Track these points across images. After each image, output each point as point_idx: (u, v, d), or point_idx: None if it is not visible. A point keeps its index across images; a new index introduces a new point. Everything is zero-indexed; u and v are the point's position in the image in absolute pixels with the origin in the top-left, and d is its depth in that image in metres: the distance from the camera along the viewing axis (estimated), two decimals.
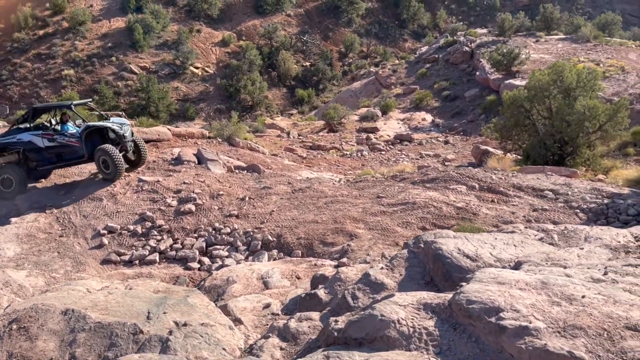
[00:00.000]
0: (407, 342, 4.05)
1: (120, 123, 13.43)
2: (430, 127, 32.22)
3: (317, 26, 51.97)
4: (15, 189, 12.54)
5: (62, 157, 13.02)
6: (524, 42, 40.09)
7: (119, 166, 12.64)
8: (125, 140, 13.18)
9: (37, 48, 39.11)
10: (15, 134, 13.05)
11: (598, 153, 18.48)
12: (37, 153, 12.92)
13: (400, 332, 4.12)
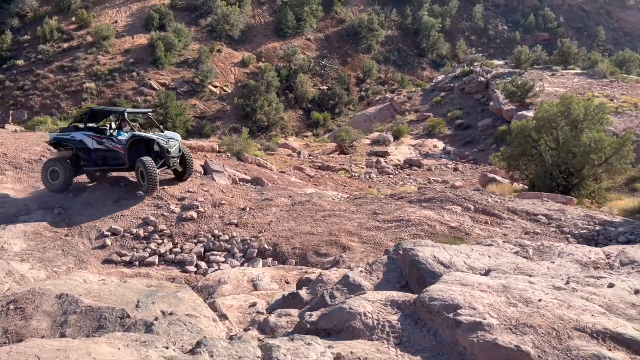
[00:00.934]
0: (370, 332, 4.31)
1: (169, 138, 13.33)
2: (441, 154, 32.47)
3: (336, 51, 52.80)
4: (61, 182, 12.94)
5: (107, 161, 13.27)
6: (539, 75, 40.41)
7: (153, 181, 12.51)
8: (169, 155, 13.04)
9: (61, 60, 40.18)
10: (71, 132, 13.51)
11: (604, 186, 18.59)
12: (86, 153, 13.30)
13: (365, 324, 4.38)
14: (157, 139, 12.93)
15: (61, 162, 13.14)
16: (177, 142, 13.44)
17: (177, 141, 13.49)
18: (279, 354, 3.66)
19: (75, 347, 3.59)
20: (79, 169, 13.51)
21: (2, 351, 3.50)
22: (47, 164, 13.38)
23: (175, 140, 13.38)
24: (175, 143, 13.31)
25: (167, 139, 13.22)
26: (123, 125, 13.75)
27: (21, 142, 16.79)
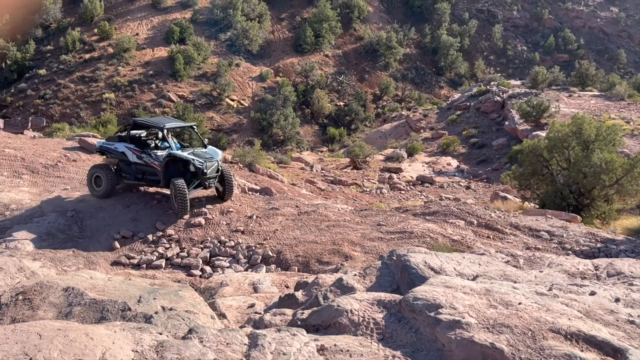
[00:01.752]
0: (355, 328, 4.51)
1: (209, 156, 12.70)
2: (454, 172, 32.52)
3: (354, 68, 53.28)
4: (103, 189, 13.01)
5: (145, 175, 13.04)
6: (556, 96, 40.38)
7: (182, 204, 12.14)
8: (206, 177, 12.46)
9: (82, 71, 41.09)
10: (115, 142, 13.43)
11: (614, 207, 18.53)
12: (127, 165, 13.17)
13: (351, 320, 4.59)
14: (193, 160, 12.33)
15: (104, 170, 13.17)
16: (216, 162, 12.72)
17: (216, 161, 12.77)
18: (264, 341, 3.88)
19: (75, 328, 3.85)
20: (122, 177, 13.43)
21: (7, 328, 3.77)
22: (92, 170, 13.43)
23: (213, 161, 12.64)
24: (213, 164, 12.60)
25: (205, 159, 12.51)
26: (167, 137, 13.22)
27: (39, 147, 17.29)
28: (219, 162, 12.84)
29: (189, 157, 12.36)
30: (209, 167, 12.49)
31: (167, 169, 12.52)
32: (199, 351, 3.70)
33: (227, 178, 13.15)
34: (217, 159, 12.87)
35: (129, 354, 3.62)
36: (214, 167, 12.65)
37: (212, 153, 13.05)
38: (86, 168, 15.80)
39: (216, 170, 12.73)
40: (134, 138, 13.48)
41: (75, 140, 18.62)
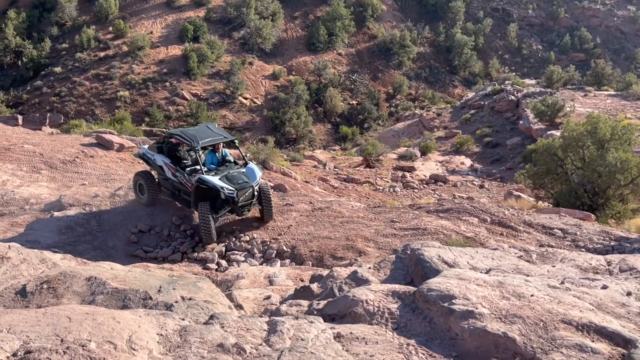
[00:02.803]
0: (370, 318, 4.63)
1: (242, 181, 11.38)
2: (468, 171, 32.44)
3: (367, 66, 53.27)
4: (146, 198, 12.43)
5: (180, 194, 12.08)
6: (571, 95, 40.12)
7: (206, 232, 11.08)
8: (239, 206, 11.36)
9: (97, 69, 41.53)
10: (155, 153, 12.57)
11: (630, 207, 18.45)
12: (164, 180, 12.37)
13: (366, 310, 4.71)
14: (222, 188, 11.07)
15: (147, 179, 12.54)
16: (250, 187, 11.41)
17: (251, 186, 11.43)
18: (283, 327, 4.01)
19: (102, 312, 4.01)
20: (162, 190, 12.62)
21: (38, 312, 3.94)
22: (136, 177, 12.87)
23: (246, 187, 11.32)
24: (246, 190, 11.33)
25: (237, 184, 11.23)
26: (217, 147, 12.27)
27: (57, 143, 17.59)
28: (254, 187, 11.49)
29: (218, 185, 11.07)
30: (241, 194, 11.28)
31: (197, 191, 11.39)
32: (221, 335, 3.84)
33: (266, 199, 11.86)
34: (253, 183, 11.49)
35: (154, 337, 3.77)
36: (248, 194, 11.41)
37: (249, 174, 11.65)
38: (103, 164, 16.08)
39: (251, 196, 11.51)
40: (171, 151, 12.48)
41: (92, 137, 18.91)
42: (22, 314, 3.93)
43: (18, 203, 12.98)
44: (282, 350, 3.66)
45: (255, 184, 11.56)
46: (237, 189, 11.20)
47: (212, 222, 11.15)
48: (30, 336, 3.54)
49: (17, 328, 3.64)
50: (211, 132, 12.19)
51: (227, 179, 11.34)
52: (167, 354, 3.59)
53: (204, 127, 12.85)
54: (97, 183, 14.45)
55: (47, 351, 3.05)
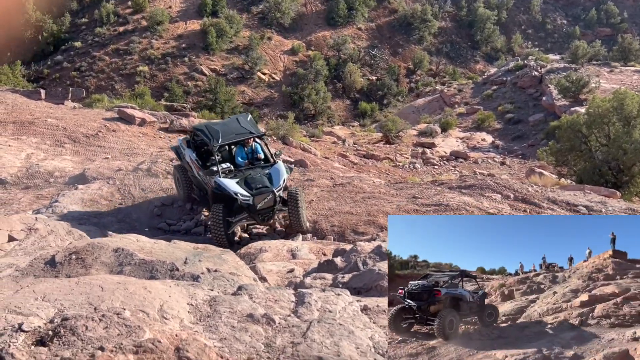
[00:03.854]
0: None
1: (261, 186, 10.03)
2: (489, 148, 32.14)
3: (387, 41, 52.59)
4: (181, 193, 11.75)
5: (204, 194, 11.05)
6: (596, 71, 39.31)
7: (216, 236, 9.77)
8: (258, 213, 10.03)
9: (116, 43, 41.63)
10: (185, 148, 11.64)
11: None
12: (192, 176, 11.39)
13: None
14: (237, 194, 9.84)
15: (180, 173, 11.75)
16: (271, 193, 9.97)
17: (271, 192, 9.99)
18: (311, 299, 4.03)
19: (133, 282, 4.07)
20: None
21: (71, 281, 4.01)
22: (173, 170, 12.25)
23: (266, 192, 9.94)
24: (266, 196, 9.92)
25: (256, 190, 9.94)
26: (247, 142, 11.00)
27: (79, 117, 17.75)
28: (275, 193, 10.03)
29: (232, 190, 9.87)
30: (259, 201, 9.90)
31: (214, 195, 10.27)
32: (250, 306, 3.87)
33: (294, 206, 10.27)
34: (274, 188, 10.05)
35: (185, 307, 3.81)
36: (268, 200, 9.95)
37: (273, 177, 10.31)
38: (125, 138, 16.22)
39: (273, 202, 9.99)
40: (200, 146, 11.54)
41: (114, 111, 19.06)
42: (56, 283, 4.00)
43: (43, 176, 13.19)
44: (311, 322, 3.68)
45: (277, 189, 10.06)
46: (254, 194, 9.84)
47: (225, 227, 9.78)
48: (64, 304, 3.61)
49: (51, 296, 3.72)
50: (237, 127, 11.07)
51: (245, 182, 10.10)
52: (198, 323, 3.64)
53: (233, 120, 11.85)
54: (120, 157, 14.59)
55: (83, 319, 3.10)
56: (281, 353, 3.28)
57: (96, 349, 2.85)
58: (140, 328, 3.08)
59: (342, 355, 3.21)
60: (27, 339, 3.04)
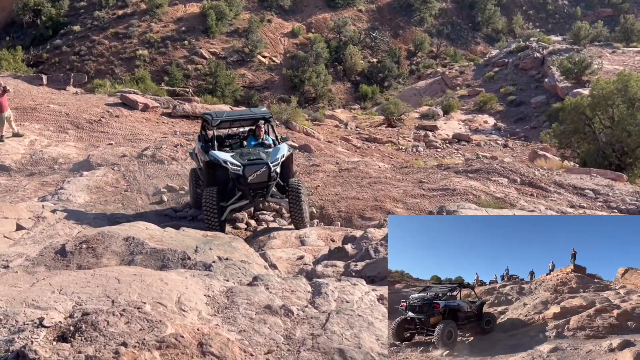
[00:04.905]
0: None
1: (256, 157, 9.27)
2: (491, 131, 32.06)
3: (388, 23, 52.15)
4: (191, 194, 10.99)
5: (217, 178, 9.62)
6: (599, 52, 39.06)
7: (208, 223, 8.93)
8: (247, 186, 9.03)
9: (116, 27, 41.29)
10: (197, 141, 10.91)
11: None
12: (199, 169, 10.61)
13: None
14: (227, 162, 9.08)
15: (192, 176, 11.01)
16: (264, 166, 9.06)
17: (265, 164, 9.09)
18: (327, 289, 4.02)
19: (149, 273, 4.05)
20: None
21: (87, 273, 4.00)
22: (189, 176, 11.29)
23: (259, 165, 9.06)
24: (258, 169, 9.00)
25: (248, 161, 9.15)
26: (258, 132, 10.23)
27: (82, 103, 17.65)
28: (271, 168, 9.06)
29: (222, 159, 9.11)
30: (251, 172, 8.95)
31: (208, 169, 9.54)
32: (267, 297, 3.86)
33: (294, 199, 9.22)
34: (269, 161, 9.14)
35: (202, 298, 3.80)
36: (260, 173, 8.98)
37: (271, 153, 9.47)
38: (128, 124, 16.14)
39: (267, 178, 9.04)
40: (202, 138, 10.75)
41: (117, 97, 18.95)
42: (72, 275, 3.98)
43: (47, 163, 13.15)
44: (330, 313, 3.67)
45: (273, 162, 9.09)
46: (246, 164, 8.96)
47: (218, 211, 8.99)
48: (82, 297, 3.60)
49: (68, 289, 3.70)
50: (245, 112, 11.00)
51: (241, 156, 9.35)
52: (216, 315, 3.62)
53: (246, 110, 11.84)
54: (124, 143, 14.54)
55: (104, 313, 3.08)
56: (301, 345, 3.27)
57: (119, 345, 2.84)
58: (162, 323, 3.06)
59: (363, 347, 3.20)
60: (49, 334, 3.03)
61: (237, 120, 10.64)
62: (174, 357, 2.82)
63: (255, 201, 9.50)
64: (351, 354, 3.09)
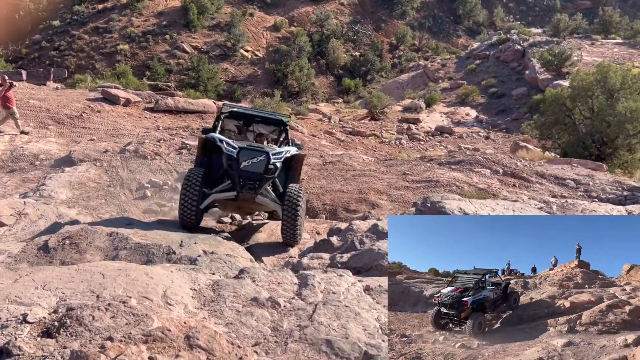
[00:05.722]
0: None
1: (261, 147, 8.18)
2: (473, 123, 32.26)
3: (370, 16, 52.19)
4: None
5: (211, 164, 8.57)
6: (578, 44, 39.47)
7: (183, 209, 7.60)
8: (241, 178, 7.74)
9: (96, 21, 40.79)
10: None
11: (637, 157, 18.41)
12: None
13: None
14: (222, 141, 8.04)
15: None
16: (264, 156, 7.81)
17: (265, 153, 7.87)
18: (314, 281, 4.03)
19: (134, 268, 4.03)
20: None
21: (71, 268, 3.96)
22: None
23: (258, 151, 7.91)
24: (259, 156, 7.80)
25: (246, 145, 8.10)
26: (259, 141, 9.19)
27: (62, 98, 17.42)
28: (270, 156, 7.84)
29: (217, 138, 8.13)
30: (245, 158, 7.76)
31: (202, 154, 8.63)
32: (253, 290, 3.86)
33: (290, 207, 7.63)
34: (270, 150, 7.98)
35: (188, 292, 3.79)
36: (256, 162, 7.77)
37: (277, 148, 8.44)
38: (110, 119, 15.98)
39: (264, 170, 7.75)
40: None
41: (98, 92, 18.73)
42: (55, 271, 3.94)
43: (28, 159, 12.97)
44: (317, 304, 3.68)
45: (274, 154, 7.90)
46: (242, 147, 7.89)
47: (198, 196, 7.65)
48: (66, 292, 3.56)
49: (51, 285, 3.66)
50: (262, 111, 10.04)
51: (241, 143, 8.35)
52: (203, 309, 3.61)
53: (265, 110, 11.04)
54: (106, 138, 14.38)
55: (89, 308, 3.06)
56: (289, 337, 3.27)
57: (105, 339, 2.82)
58: (148, 316, 3.05)
59: (351, 338, 3.22)
60: (33, 330, 3.00)
61: (251, 117, 9.40)
62: (160, 350, 2.81)
63: (243, 194, 7.74)
64: (339, 345, 3.11)
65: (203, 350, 2.83)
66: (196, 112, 17.71)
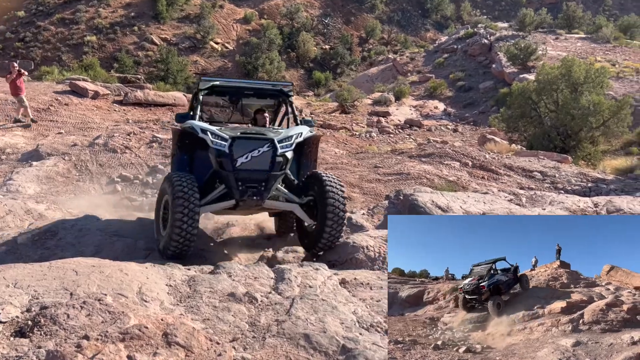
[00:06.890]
0: (372, 263, 4.71)
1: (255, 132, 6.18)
2: (441, 116, 32.64)
3: (340, 10, 52.23)
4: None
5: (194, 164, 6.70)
6: (543, 39, 40.20)
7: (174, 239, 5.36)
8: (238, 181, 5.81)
9: (62, 12, 39.90)
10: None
11: (600, 149, 18.93)
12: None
13: (367, 256, 4.78)
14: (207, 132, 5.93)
15: None
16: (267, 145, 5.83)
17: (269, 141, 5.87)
18: (290, 275, 4.05)
19: (108, 264, 3.98)
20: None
21: (43, 265, 3.89)
22: None
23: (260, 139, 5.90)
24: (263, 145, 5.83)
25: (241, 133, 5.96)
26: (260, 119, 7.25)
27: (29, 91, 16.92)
28: (277, 146, 5.86)
29: (200, 128, 6.03)
30: (242, 152, 5.79)
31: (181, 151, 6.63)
32: (230, 285, 3.86)
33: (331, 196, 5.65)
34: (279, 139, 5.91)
35: (164, 288, 3.77)
36: (258, 156, 5.81)
37: (284, 132, 6.18)
38: (79, 112, 15.67)
39: (269, 163, 5.80)
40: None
41: (66, 84, 18.29)
42: (27, 268, 3.87)
43: None
44: (294, 298, 3.70)
45: (282, 143, 5.91)
46: (236, 137, 5.85)
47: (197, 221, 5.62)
48: (38, 290, 3.51)
49: (23, 283, 3.60)
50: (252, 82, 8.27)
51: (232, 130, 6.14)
52: (179, 305, 3.60)
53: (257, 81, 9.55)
54: (74, 132, 14.08)
55: (63, 306, 3.02)
56: (266, 331, 3.29)
57: (81, 338, 2.79)
58: (125, 314, 3.03)
59: (328, 332, 3.25)
60: (5, 330, 2.95)
61: (238, 91, 7.08)
62: (138, 348, 2.79)
63: (245, 201, 5.80)
64: (316, 339, 3.14)
65: (181, 348, 2.82)
66: (166, 105, 17.51)
